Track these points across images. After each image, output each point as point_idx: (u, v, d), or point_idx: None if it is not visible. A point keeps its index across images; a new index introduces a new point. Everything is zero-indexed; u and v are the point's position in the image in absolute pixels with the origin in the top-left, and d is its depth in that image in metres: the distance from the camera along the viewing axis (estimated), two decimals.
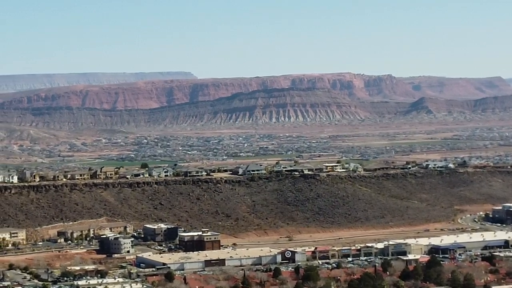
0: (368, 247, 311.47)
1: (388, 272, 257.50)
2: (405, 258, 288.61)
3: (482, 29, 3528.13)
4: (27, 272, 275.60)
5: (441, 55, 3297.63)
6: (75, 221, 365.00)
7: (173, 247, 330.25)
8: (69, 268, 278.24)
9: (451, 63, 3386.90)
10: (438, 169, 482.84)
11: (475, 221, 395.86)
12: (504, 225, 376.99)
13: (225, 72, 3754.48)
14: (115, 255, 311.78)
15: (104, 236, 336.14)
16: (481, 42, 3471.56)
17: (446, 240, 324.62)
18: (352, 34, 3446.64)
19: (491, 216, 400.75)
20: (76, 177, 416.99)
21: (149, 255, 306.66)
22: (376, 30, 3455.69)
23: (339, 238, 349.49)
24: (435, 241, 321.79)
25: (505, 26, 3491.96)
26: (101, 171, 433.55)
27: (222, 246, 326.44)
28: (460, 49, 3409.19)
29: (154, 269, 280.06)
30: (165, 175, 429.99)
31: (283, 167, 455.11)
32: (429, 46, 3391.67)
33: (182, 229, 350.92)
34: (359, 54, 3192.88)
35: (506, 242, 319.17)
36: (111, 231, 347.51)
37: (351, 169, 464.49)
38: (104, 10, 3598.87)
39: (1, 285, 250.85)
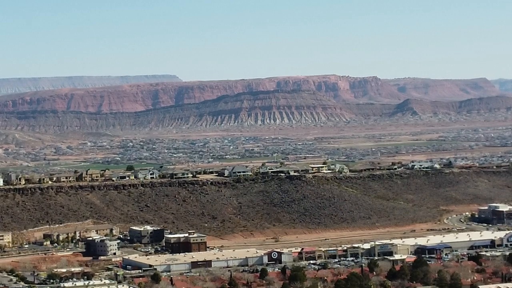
0: (354, 247, 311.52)
1: (374, 272, 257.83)
2: (391, 258, 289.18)
3: (467, 30, 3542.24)
4: (13, 274, 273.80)
5: (426, 57, 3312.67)
6: (61, 224, 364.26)
7: (159, 249, 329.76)
8: (55, 270, 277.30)
9: (436, 64, 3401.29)
10: (424, 170, 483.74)
11: (461, 221, 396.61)
12: (490, 225, 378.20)
13: (210, 75, 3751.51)
14: (102, 257, 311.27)
15: (90, 238, 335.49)
16: (466, 43, 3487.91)
17: (432, 240, 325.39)
18: (337, 36, 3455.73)
19: (477, 216, 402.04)
20: (62, 180, 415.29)
21: (136, 257, 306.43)
22: (361, 32, 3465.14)
23: (326, 239, 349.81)
24: (422, 241, 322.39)
25: (490, 28, 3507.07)
26: (86, 174, 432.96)
27: (208, 247, 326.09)
28: (445, 50, 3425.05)
29: (140, 271, 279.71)
30: (151, 177, 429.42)
31: (269, 169, 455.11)
32: (414, 47, 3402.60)
33: (168, 231, 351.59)
34: (344, 56, 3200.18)
35: (492, 242, 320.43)
36: (97, 233, 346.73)
37: (337, 171, 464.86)
38: (89, 14, 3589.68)
39: None
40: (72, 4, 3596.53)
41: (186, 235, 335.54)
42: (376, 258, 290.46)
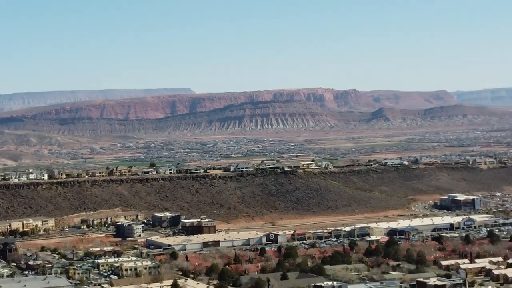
0: (337, 230, 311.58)
1: (354, 251, 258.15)
2: (368, 239, 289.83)
3: (431, 50, 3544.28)
4: (56, 253, 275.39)
5: (397, 72, 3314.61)
6: (95, 211, 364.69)
7: (176, 231, 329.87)
8: (91, 249, 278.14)
9: (405, 79, 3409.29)
10: (395, 166, 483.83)
11: (426, 208, 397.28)
12: (449, 211, 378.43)
13: (218, 88, 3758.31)
14: (129, 238, 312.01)
15: (119, 223, 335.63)
16: (429, 61, 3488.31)
17: (402, 223, 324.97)
18: (323, 56, 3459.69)
19: (438, 204, 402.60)
20: (96, 175, 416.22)
21: (157, 238, 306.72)
22: (343, 52, 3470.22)
23: (314, 223, 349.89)
24: (393, 224, 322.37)
25: (449, 47, 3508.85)
26: (116, 170, 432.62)
27: (217, 230, 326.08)
28: (413, 67, 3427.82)
29: (161, 249, 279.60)
30: (170, 173, 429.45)
31: (267, 165, 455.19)
32: (387, 65, 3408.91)
33: (184, 216, 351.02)
34: (329, 72, 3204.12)
35: (451, 225, 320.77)
36: (125, 218, 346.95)
37: (323, 167, 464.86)
38: (118, 38, 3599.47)
39: (35, 264, 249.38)
40: (105, 31, 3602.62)
41: (199, 220, 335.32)
42: (355, 238, 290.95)
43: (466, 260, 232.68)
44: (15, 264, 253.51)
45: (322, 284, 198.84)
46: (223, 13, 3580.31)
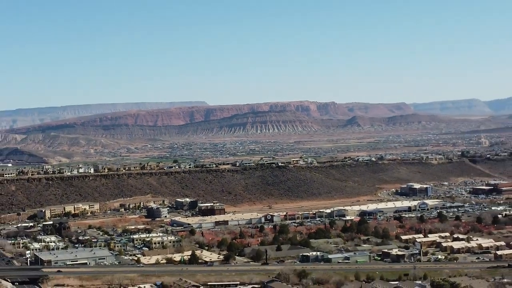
0: (320, 212, 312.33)
1: (333, 228, 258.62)
2: (344, 218, 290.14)
3: (393, 68, 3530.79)
4: (100, 230, 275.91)
5: (366, 88, 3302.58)
6: (130, 197, 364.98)
7: (194, 213, 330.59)
8: (127, 227, 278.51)
9: (373, 93, 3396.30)
10: (365, 161, 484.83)
11: (389, 194, 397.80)
12: (407, 197, 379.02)
13: (227, 101, 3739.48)
14: (157, 218, 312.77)
15: (150, 206, 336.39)
16: (392, 78, 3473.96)
17: (370, 207, 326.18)
18: (309, 75, 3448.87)
19: (399, 191, 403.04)
20: (131, 169, 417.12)
21: (179, 218, 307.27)
22: (325, 72, 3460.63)
23: (301, 207, 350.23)
24: (364, 207, 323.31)
25: (407, 66, 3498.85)
26: (147, 165, 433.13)
27: (226, 212, 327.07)
28: (379, 83, 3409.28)
29: (182, 227, 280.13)
30: (189, 167, 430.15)
31: (265, 161, 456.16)
32: (359, 82, 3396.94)
33: (200, 201, 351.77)
34: (313, 88, 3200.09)
35: (409, 208, 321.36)
36: (154, 203, 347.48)
37: (308, 162, 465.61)
38: (150, 59, 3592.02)
39: (84, 239, 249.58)
40: (140, 56, 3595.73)
41: (212, 204, 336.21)
42: (334, 218, 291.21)
43: (421, 235, 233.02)
44: (68, 239, 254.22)
45: (308, 254, 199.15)
46: (231, 43, 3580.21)
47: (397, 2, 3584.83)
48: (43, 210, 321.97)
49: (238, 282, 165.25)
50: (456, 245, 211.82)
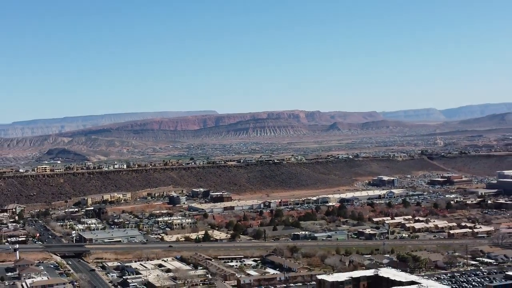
0: (308, 199, 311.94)
1: (318, 212, 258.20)
2: (327, 204, 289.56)
3: (364, 82, 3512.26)
4: (131, 214, 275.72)
5: (345, 99, 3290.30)
6: (156, 188, 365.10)
7: (207, 200, 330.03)
8: (153, 212, 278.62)
9: (350, 103, 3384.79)
10: (344, 158, 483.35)
11: (363, 185, 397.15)
12: (378, 187, 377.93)
13: (233, 110, 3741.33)
14: (177, 205, 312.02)
15: (171, 195, 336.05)
16: (365, 91, 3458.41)
17: (348, 195, 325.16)
18: (299, 89, 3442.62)
19: (371, 182, 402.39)
20: (156, 165, 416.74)
21: (195, 205, 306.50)
22: (312, 86, 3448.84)
23: (293, 195, 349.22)
24: (343, 195, 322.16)
25: (377, 80, 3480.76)
26: (169, 162, 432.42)
27: (232, 199, 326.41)
28: (354, 95, 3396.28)
29: (197, 212, 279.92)
30: (203, 164, 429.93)
31: (264, 159, 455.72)
32: (338, 95, 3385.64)
33: (212, 191, 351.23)
34: (302, 99, 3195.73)
35: (379, 196, 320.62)
36: (174, 192, 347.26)
37: (298, 159, 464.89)
38: (173, 77, 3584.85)
39: (118, 221, 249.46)
40: (163, 71, 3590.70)
41: (221, 193, 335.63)
42: (319, 204, 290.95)
43: (389, 218, 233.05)
44: (106, 221, 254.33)
45: (299, 233, 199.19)
46: (238, 65, 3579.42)
47: (369, 25, 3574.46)
48: (86, 198, 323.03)
49: (242, 256, 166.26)
50: (417, 225, 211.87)
